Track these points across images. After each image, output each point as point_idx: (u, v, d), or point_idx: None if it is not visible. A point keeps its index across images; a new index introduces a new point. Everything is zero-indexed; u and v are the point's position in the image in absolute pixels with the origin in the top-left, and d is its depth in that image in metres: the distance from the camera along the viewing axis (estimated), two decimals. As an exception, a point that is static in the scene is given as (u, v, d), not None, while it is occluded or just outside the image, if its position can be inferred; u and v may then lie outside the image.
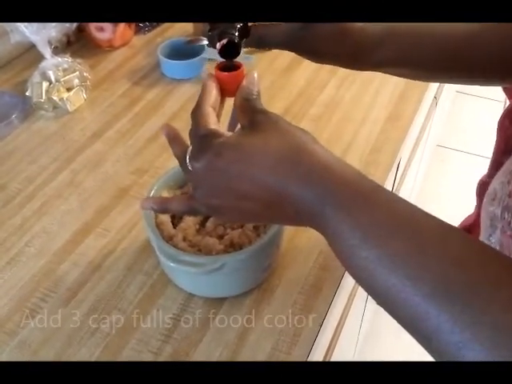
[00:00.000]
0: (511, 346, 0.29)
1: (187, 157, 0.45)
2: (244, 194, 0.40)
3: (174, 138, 0.49)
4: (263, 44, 0.52)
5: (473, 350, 0.30)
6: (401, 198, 0.38)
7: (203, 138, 0.43)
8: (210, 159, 0.42)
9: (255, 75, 0.47)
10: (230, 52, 0.48)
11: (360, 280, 0.37)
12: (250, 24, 0.50)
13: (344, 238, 0.36)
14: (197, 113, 0.46)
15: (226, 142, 0.42)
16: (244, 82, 0.47)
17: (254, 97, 0.45)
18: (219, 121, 0.47)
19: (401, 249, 0.34)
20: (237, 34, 0.48)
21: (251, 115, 0.44)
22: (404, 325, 0.34)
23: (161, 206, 0.51)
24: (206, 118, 0.45)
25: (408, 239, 0.34)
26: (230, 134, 0.44)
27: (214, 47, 0.49)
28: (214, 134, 0.43)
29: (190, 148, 0.45)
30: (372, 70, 0.55)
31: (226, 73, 0.48)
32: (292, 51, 0.53)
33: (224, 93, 0.48)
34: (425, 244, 0.34)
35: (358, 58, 0.52)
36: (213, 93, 0.47)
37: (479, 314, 0.30)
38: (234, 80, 0.47)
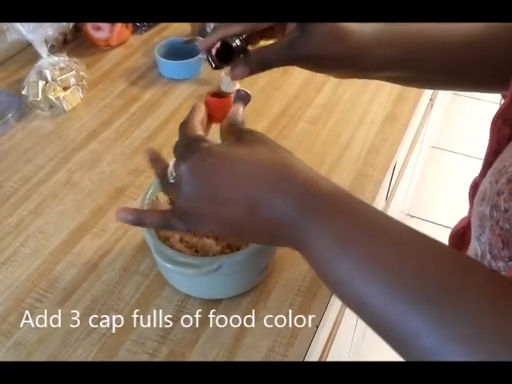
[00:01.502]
0: (486, 350, 0.29)
1: (170, 166, 0.45)
2: (225, 199, 0.40)
3: (156, 158, 0.50)
4: (265, 64, 0.52)
5: (450, 355, 0.30)
6: (377, 210, 0.39)
7: (191, 142, 0.44)
8: (196, 162, 0.42)
9: (241, 108, 0.50)
10: (224, 54, 0.49)
11: (338, 290, 0.38)
12: (250, 49, 0.52)
13: (323, 248, 0.37)
14: (185, 125, 0.47)
15: (212, 148, 0.43)
16: (231, 111, 0.49)
17: (240, 123, 0.48)
18: None
19: (376, 259, 0.35)
20: (238, 41, 0.50)
21: (237, 134, 0.45)
22: (381, 332, 0.35)
23: (136, 218, 0.48)
24: (195, 129, 0.46)
25: (384, 250, 0.35)
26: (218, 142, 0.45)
27: (215, 64, 0.51)
28: (203, 139, 0.44)
29: (173, 160, 0.46)
30: (372, 76, 0.55)
31: (215, 98, 0.51)
32: (295, 64, 0.53)
33: (211, 118, 0.51)
34: (402, 252, 0.35)
35: (359, 59, 0.51)
36: (202, 111, 0.49)
37: (454, 318, 0.31)
38: (223, 106, 0.50)
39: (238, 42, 0.50)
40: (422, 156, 1.74)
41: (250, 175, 0.40)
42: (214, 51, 0.49)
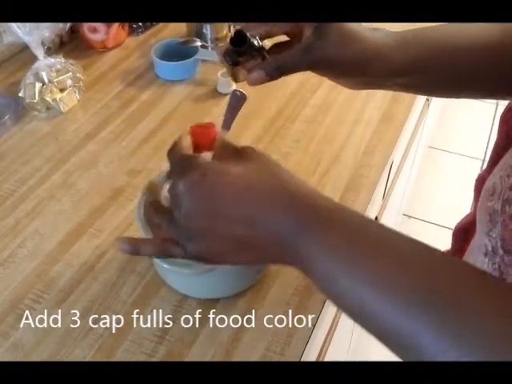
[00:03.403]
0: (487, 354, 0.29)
1: (164, 191, 0.46)
2: (227, 217, 0.40)
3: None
4: (283, 69, 0.52)
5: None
6: (375, 222, 0.39)
7: (187, 160, 0.43)
8: (196, 178, 0.41)
9: (227, 136, 0.49)
10: (239, 40, 0.50)
11: (339, 303, 0.38)
12: (266, 56, 0.52)
13: (322, 263, 0.37)
14: (173, 149, 0.46)
15: (211, 164, 0.43)
16: (219, 136, 0.49)
17: (231, 143, 0.47)
18: None
19: (379, 268, 0.35)
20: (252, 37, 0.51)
21: (235, 149, 0.45)
22: (383, 339, 0.35)
23: (133, 248, 0.46)
24: (185, 150, 0.46)
25: (385, 258, 0.36)
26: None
27: (231, 58, 0.51)
28: (198, 158, 0.43)
29: (169, 184, 0.45)
30: (385, 83, 0.55)
31: (200, 127, 0.51)
32: (311, 69, 0.53)
33: (199, 148, 0.50)
34: (404, 260, 0.35)
35: (372, 63, 0.52)
36: (187, 140, 0.48)
37: (459, 323, 0.31)
38: (208, 134, 0.50)
39: (251, 36, 0.50)
40: (418, 156, 1.75)
41: (250, 193, 0.40)
42: (228, 40, 0.50)
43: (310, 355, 0.63)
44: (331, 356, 0.87)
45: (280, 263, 0.42)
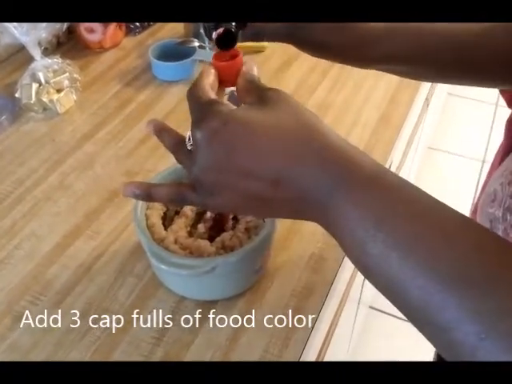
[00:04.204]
0: None
1: (189, 132, 0.41)
2: (249, 172, 0.37)
3: (162, 129, 0.45)
4: (261, 36, 0.50)
5: (495, 340, 0.28)
6: (416, 187, 0.36)
7: (207, 106, 0.39)
8: (216, 127, 0.37)
9: (255, 65, 0.45)
10: (226, 41, 0.46)
11: (369, 268, 0.34)
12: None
13: (353, 222, 0.34)
14: (194, 89, 0.42)
15: (233, 112, 0.38)
16: (244, 68, 0.45)
17: (259, 80, 0.43)
18: None
19: (418, 232, 0.32)
20: (234, 23, 0.47)
21: (260, 92, 0.41)
22: (416, 316, 0.32)
23: (145, 192, 0.44)
24: (206, 92, 0.41)
25: (425, 223, 0.33)
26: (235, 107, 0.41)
27: (210, 38, 0.48)
28: (220, 103, 0.39)
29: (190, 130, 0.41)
30: (372, 67, 0.54)
31: (224, 61, 0.46)
32: (291, 43, 0.51)
33: (223, 83, 0.46)
34: (443, 229, 0.32)
35: (360, 49, 0.50)
36: (211, 75, 0.44)
37: (503, 301, 0.28)
38: (233, 68, 0.45)
39: (233, 23, 0.47)
40: (417, 157, 1.75)
41: (276, 145, 0.36)
42: (214, 36, 0.47)
43: (309, 356, 0.63)
44: (330, 357, 0.87)
45: (300, 219, 0.39)
